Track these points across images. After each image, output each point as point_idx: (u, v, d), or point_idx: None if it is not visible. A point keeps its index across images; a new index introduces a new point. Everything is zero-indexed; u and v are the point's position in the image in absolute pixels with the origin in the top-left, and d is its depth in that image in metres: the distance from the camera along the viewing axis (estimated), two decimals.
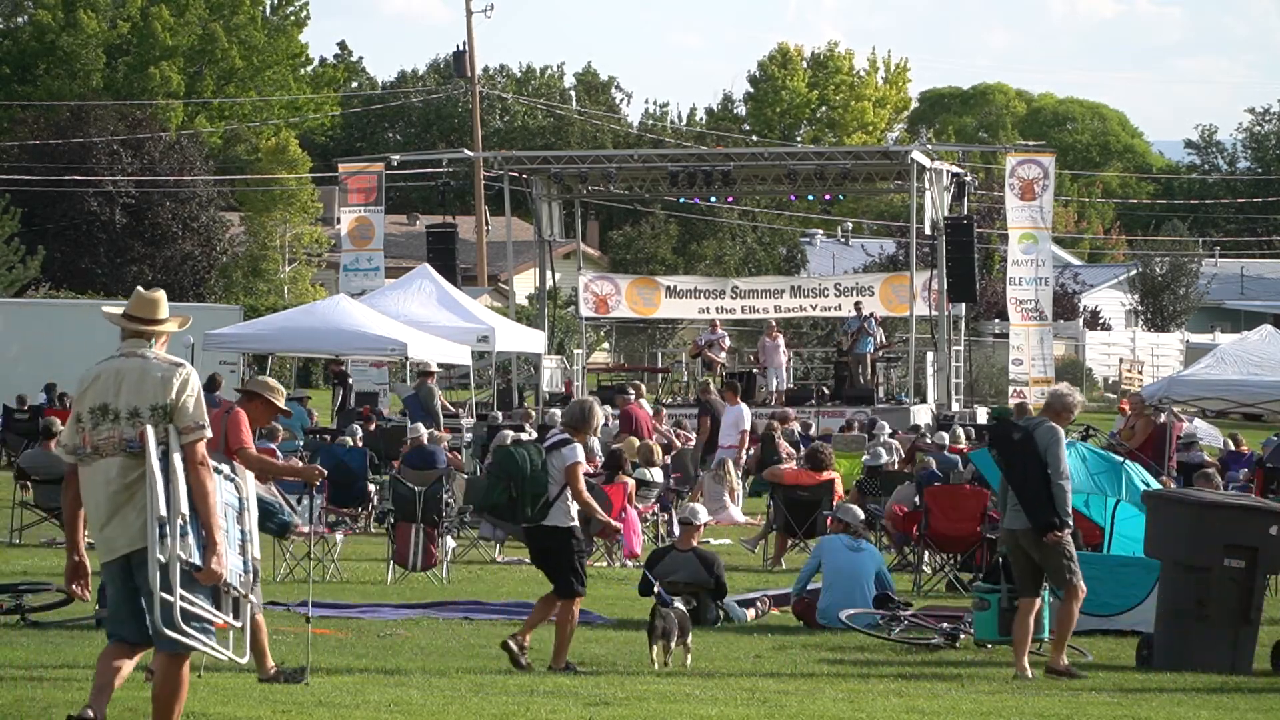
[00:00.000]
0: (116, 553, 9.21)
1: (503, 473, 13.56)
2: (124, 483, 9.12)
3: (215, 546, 9.10)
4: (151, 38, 77.10)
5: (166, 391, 9.15)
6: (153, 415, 9.12)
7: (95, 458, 9.19)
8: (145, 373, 9.21)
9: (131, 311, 9.43)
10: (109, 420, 9.18)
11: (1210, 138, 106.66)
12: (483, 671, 13.47)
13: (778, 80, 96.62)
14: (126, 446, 9.13)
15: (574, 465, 13.54)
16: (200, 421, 9.15)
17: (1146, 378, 52.59)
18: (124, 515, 9.14)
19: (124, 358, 9.32)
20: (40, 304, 50.90)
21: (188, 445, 9.11)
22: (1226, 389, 25.58)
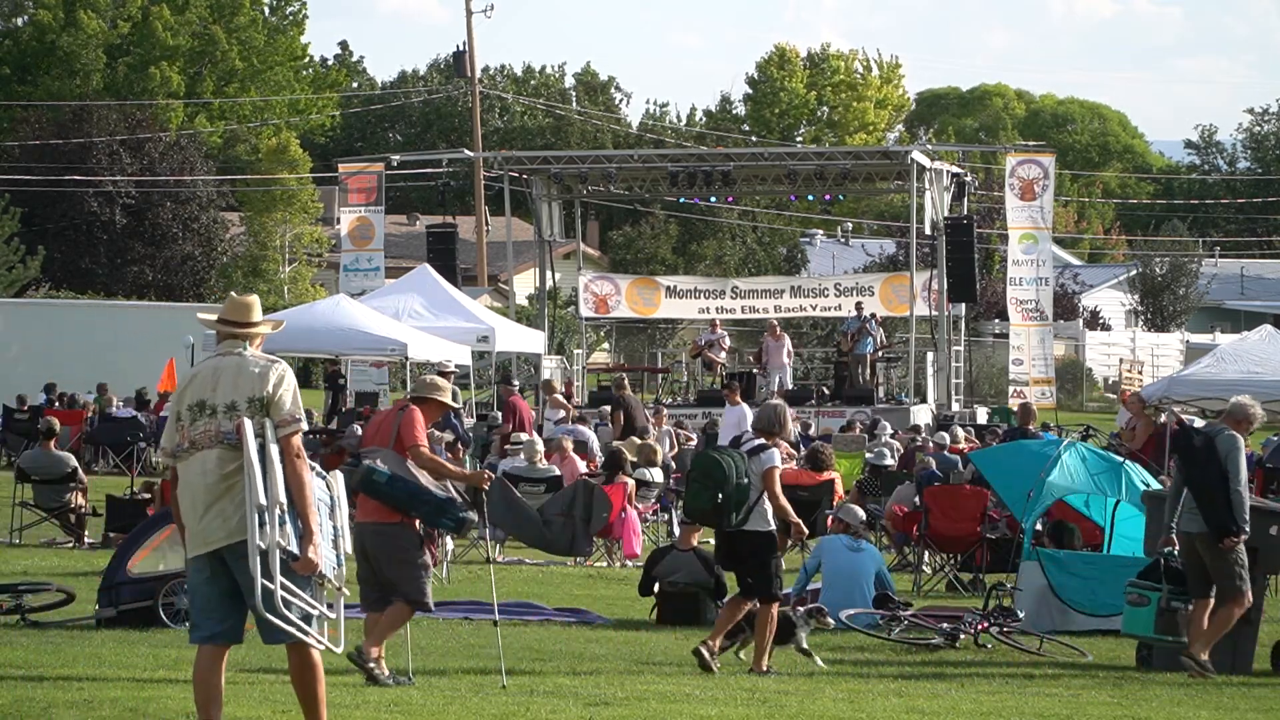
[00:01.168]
0: (211, 545, 9.29)
1: (708, 479, 13.66)
2: (221, 474, 9.27)
3: (312, 536, 9.25)
4: (152, 38, 77.10)
5: (263, 385, 9.32)
6: (249, 408, 9.29)
7: (192, 452, 9.34)
8: (242, 368, 9.40)
9: (225, 316, 9.64)
10: (206, 415, 9.34)
11: (1210, 138, 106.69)
12: (483, 671, 13.47)
13: (776, 81, 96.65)
14: (223, 439, 9.29)
15: (771, 469, 13.74)
16: (296, 415, 9.32)
17: (1146, 378, 52.56)
18: (221, 508, 9.26)
19: (221, 356, 9.52)
20: (40, 304, 50.91)
21: (284, 438, 9.26)
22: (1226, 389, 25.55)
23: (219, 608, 9.33)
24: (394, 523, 12.61)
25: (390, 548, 12.65)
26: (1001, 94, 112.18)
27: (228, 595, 9.31)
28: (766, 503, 13.78)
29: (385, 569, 12.70)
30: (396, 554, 12.65)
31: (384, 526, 12.62)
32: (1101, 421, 39.23)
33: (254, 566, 9.05)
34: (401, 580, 12.66)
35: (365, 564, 12.80)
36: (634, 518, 23.73)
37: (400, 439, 12.67)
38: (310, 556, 9.24)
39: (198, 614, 9.42)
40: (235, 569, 9.23)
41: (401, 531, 12.64)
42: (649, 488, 25.21)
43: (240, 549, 9.15)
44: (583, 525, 22.99)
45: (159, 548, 16.07)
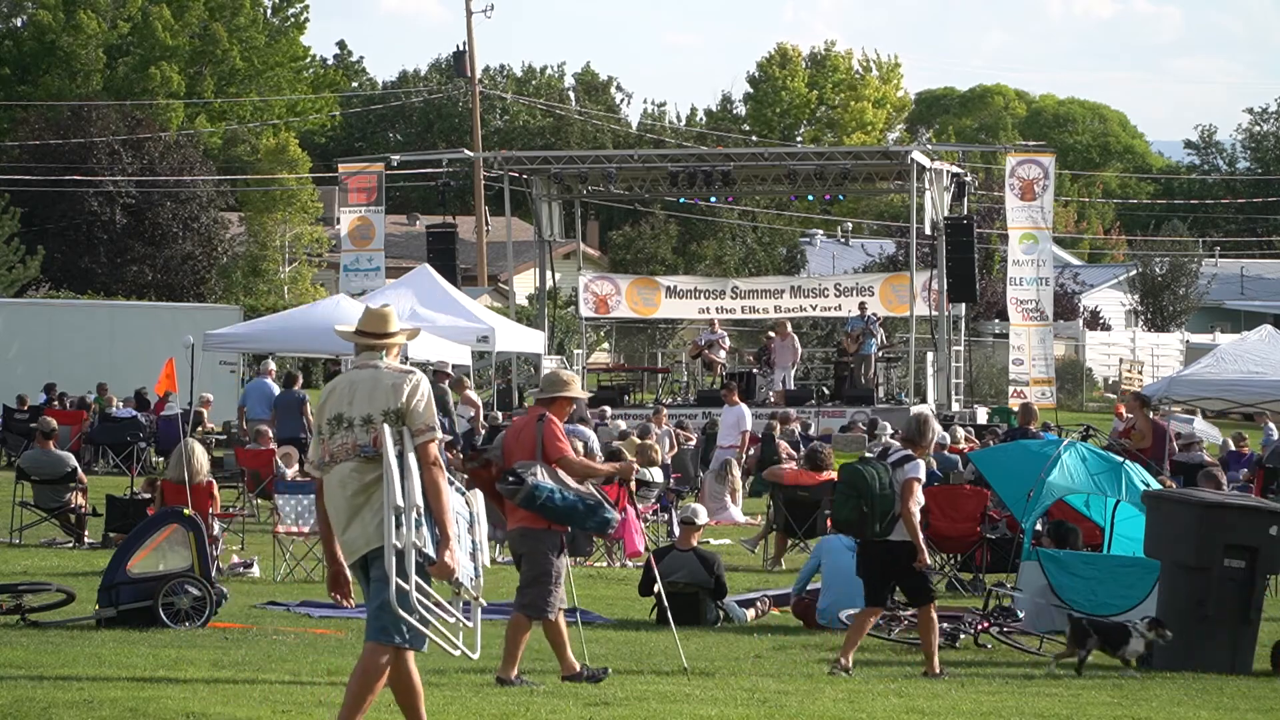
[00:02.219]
0: (355, 554, 9.47)
1: (853, 490, 13.89)
2: (360, 485, 9.44)
3: (448, 542, 9.43)
4: (152, 38, 77.09)
5: (397, 397, 9.47)
6: (385, 420, 9.44)
7: (332, 465, 9.54)
8: (377, 381, 9.55)
9: (362, 327, 9.79)
10: (344, 428, 9.52)
11: (1210, 138, 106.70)
12: (483, 671, 13.47)
13: (777, 80, 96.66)
14: (360, 451, 9.46)
15: (910, 480, 13.84)
16: (431, 424, 9.48)
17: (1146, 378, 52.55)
18: (361, 517, 9.43)
19: (357, 369, 9.68)
20: (40, 304, 50.87)
21: (420, 446, 9.42)
22: (1226, 389, 25.58)
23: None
24: (541, 529, 12.86)
25: (531, 551, 12.92)
26: (1001, 94, 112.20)
27: None
28: None
29: (524, 570, 13.00)
30: (534, 561, 12.92)
31: (531, 531, 12.88)
32: (1101, 421, 39.21)
33: (389, 564, 9.21)
34: (529, 590, 12.93)
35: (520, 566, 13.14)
36: (633, 518, 23.71)
37: (545, 453, 12.85)
38: (446, 561, 9.41)
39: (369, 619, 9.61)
40: (373, 571, 9.43)
41: (546, 536, 12.88)
42: (649, 488, 25.20)
43: (380, 552, 9.33)
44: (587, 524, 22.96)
45: (159, 548, 16.08)
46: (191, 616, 15.84)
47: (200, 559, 16.04)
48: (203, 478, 20.52)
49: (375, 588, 9.34)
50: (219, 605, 16.12)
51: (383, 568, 9.27)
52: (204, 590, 15.93)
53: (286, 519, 21.45)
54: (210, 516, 19.83)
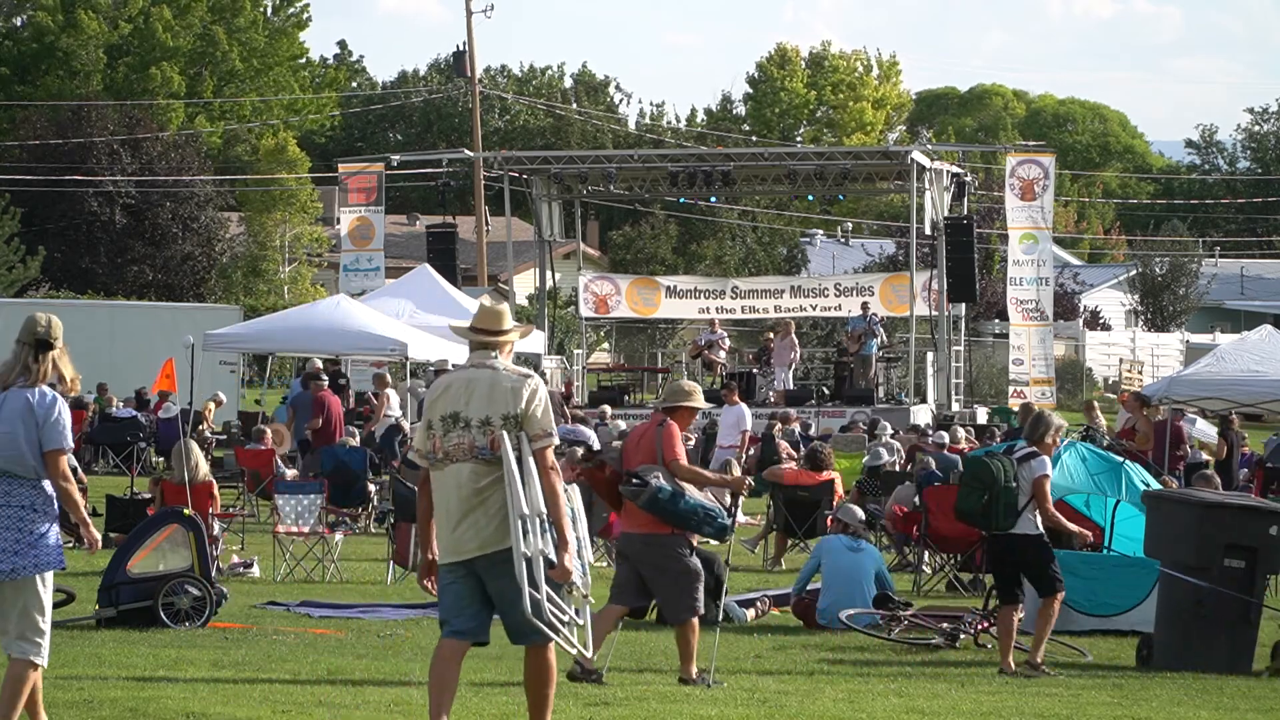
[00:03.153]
0: (463, 555, 9.51)
1: (978, 482, 14.24)
2: (475, 487, 9.45)
3: (566, 545, 9.46)
4: (152, 38, 77.09)
5: (517, 401, 9.49)
6: (504, 424, 9.45)
7: (446, 463, 9.54)
8: (496, 383, 9.57)
9: (476, 324, 9.81)
10: (459, 428, 9.51)
11: (1210, 138, 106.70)
12: (482, 672, 13.47)
13: (776, 80, 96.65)
14: (477, 453, 9.47)
15: (1042, 478, 14.18)
16: (549, 429, 9.52)
17: (1146, 378, 52.56)
18: (475, 519, 9.45)
19: (474, 368, 9.68)
20: (40, 304, 50.86)
21: (538, 452, 9.44)
22: (1226, 389, 25.59)
23: (468, 607, 9.56)
24: (665, 533, 12.94)
25: (661, 558, 13.01)
26: (1001, 94, 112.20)
27: (477, 598, 9.55)
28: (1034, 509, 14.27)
29: (654, 580, 13.10)
30: (669, 565, 13.00)
31: (654, 536, 12.96)
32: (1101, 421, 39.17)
33: (520, 573, 9.28)
34: (674, 595, 13.06)
35: (626, 566, 13.27)
36: None
37: (662, 455, 12.94)
38: (566, 564, 9.45)
39: (446, 611, 9.64)
40: (486, 577, 9.49)
41: (672, 541, 13.00)
42: None
43: (494, 559, 9.40)
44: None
45: (159, 548, 16.09)
46: (191, 616, 15.84)
47: (200, 559, 16.04)
48: (202, 478, 20.52)
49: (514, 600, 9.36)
50: (219, 605, 16.12)
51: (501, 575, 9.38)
52: (204, 590, 15.93)
53: (286, 519, 21.46)
54: (210, 516, 19.83)
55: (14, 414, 9.53)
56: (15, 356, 9.67)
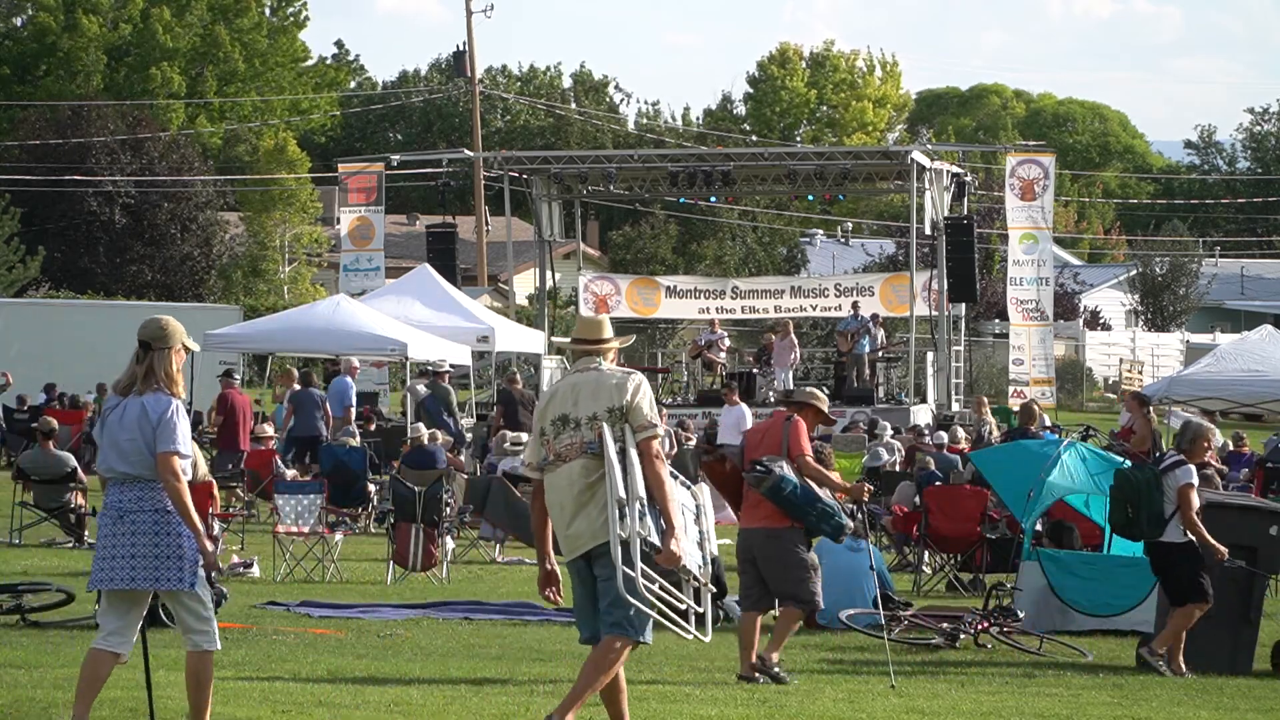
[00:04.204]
0: (579, 550, 9.78)
1: (1122, 494, 14.63)
2: (586, 482, 9.74)
3: (673, 531, 9.68)
4: (152, 39, 77.08)
5: (621, 395, 9.78)
6: (609, 417, 9.75)
7: (559, 464, 9.84)
8: (599, 382, 9.88)
9: (578, 335, 10.13)
10: (569, 429, 9.83)
11: (1210, 138, 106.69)
12: (483, 671, 13.47)
13: (777, 80, 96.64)
14: (587, 449, 9.77)
15: (1186, 486, 14.44)
16: (653, 420, 9.78)
17: (1146, 378, 52.57)
18: (587, 513, 9.74)
19: (579, 373, 10.00)
20: (40, 304, 50.90)
21: (643, 441, 9.72)
22: (1227, 389, 25.60)
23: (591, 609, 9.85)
24: (784, 527, 13.27)
25: (779, 550, 13.30)
26: (1001, 94, 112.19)
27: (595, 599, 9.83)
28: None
29: (772, 571, 13.35)
30: (785, 557, 13.29)
31: (774, 530, 13.29)
32: (1101, 421, 39.21)
33: (615, 554, 9.51)
34: (790, 582, 13.32)
35: (751, 568, 13.49)
36: None
37: (789, 450, 13.28)
38: (672, 549, 9.63)
39: (577, 615, 9.99)
40: (596, 567, 9.74)
41: (791, 534, 13.31)
42: None
43: (605, 547, 9.63)
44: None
45: None
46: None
47: None
48: (202, 477, 20.52)
49: (606, 585, 9.63)
50: (219, 605, 16.08)
51: (606, 564, 9.60)
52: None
53: (286, 519, 21.46)
54: (210, 516, 19.83)
55: (133, 421, 9.73)
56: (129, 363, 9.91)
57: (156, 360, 9.78)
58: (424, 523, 20.68)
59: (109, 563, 9.78)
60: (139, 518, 9.72)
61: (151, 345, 9.78)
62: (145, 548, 9.73)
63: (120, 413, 9.78)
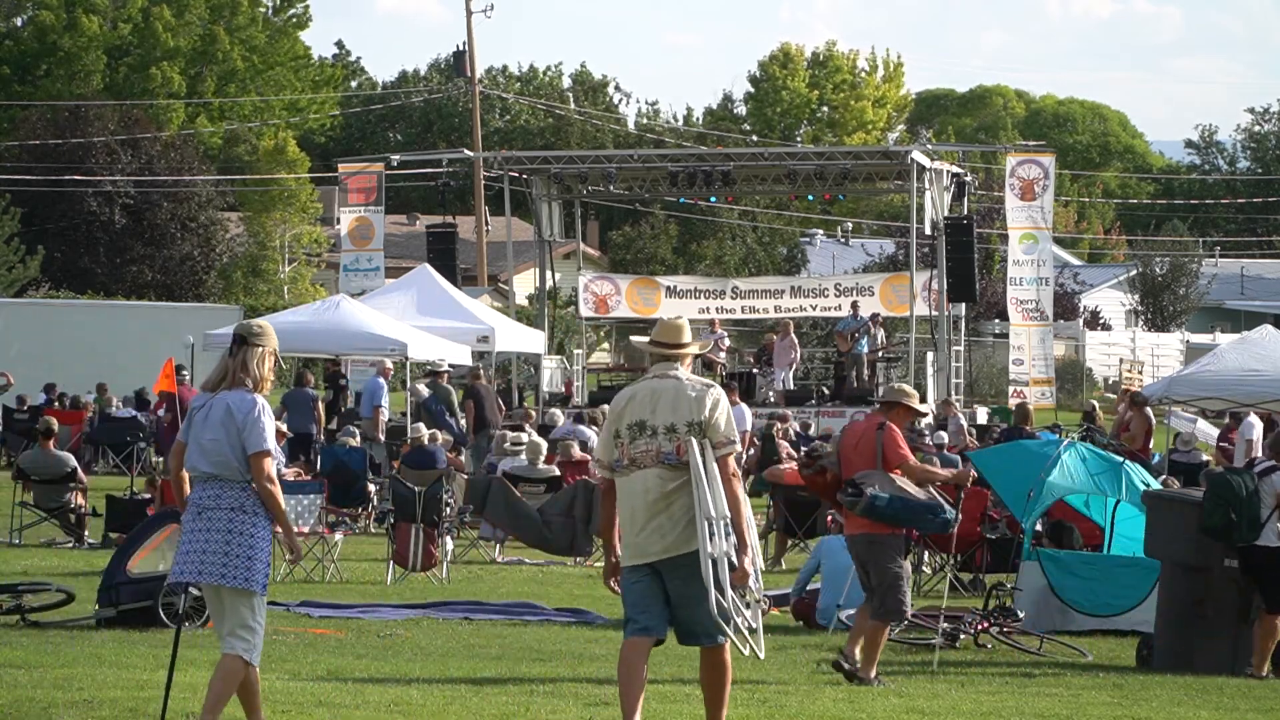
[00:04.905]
0: (647, 558, 9.87)
1: (1220, 498, 14.75)
2: (661, 492, 9.82)
3: (746, 549, 9.84)
4: (152, 38, 77.08)
5: (700, 409, 9.85)
6: (688, 430, 9.81)
7: (632, 469, 9.91)
8: (680, 392, 9.92)
9: (657, 338, 10.20)
10: (646, 435, 9.89)
11: (1210, 138, 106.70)
12: (483, 671, 13.47)
13: (778, 80, 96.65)
14: (663, 459, 9.84)
15: None
16: (731, 437, 9.86)
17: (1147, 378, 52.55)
18: (659, 524, 9.82)
19: (657, 379, 10.04)
20: (40, 304, 50.88)
21: (721, 458, 9.81)
22: (1226, 389, 25.58)
23: (653, 605, 9.90)
24: (885, 533, 13.36)
25: (879, 556, 13.40)
26: (1001, 94, 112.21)
27: (660, 597, 9.90)
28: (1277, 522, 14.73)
29: (873, 575, 13.46)
30: (884, 561, 13.39)
31: (875, 537, 13.37)
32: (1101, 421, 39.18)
33: (707, 574, 9.64)
34: (885, 591, 13.37)
35: (864, 573, 13.59)
36: None
37: (886, 459, 13.33)
38: (746, 568, 9.80)
39: (631, 609, 9.96)
40: (668, 579, 9.83)
41: (891, 541, 13.41)
42: None
43: (677, 562, 9.75)
44: (583, 525, 23.00)
45: (159, 548, 16.08)
46: (191, 617, 15.83)
47: None
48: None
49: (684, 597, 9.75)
50: None
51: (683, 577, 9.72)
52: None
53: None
54: None
55: (217, 420, 9.82)
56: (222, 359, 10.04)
57: (249, 355, 9.94)
58: (424, 523, 20.68)
59: (184, 557, 9.87)
60: (215, 515, 9.80)
61: (248, 340, 9.98)
62: (218, 544, 9.78)
63: (206, 411, 9.90)
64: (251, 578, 9.79)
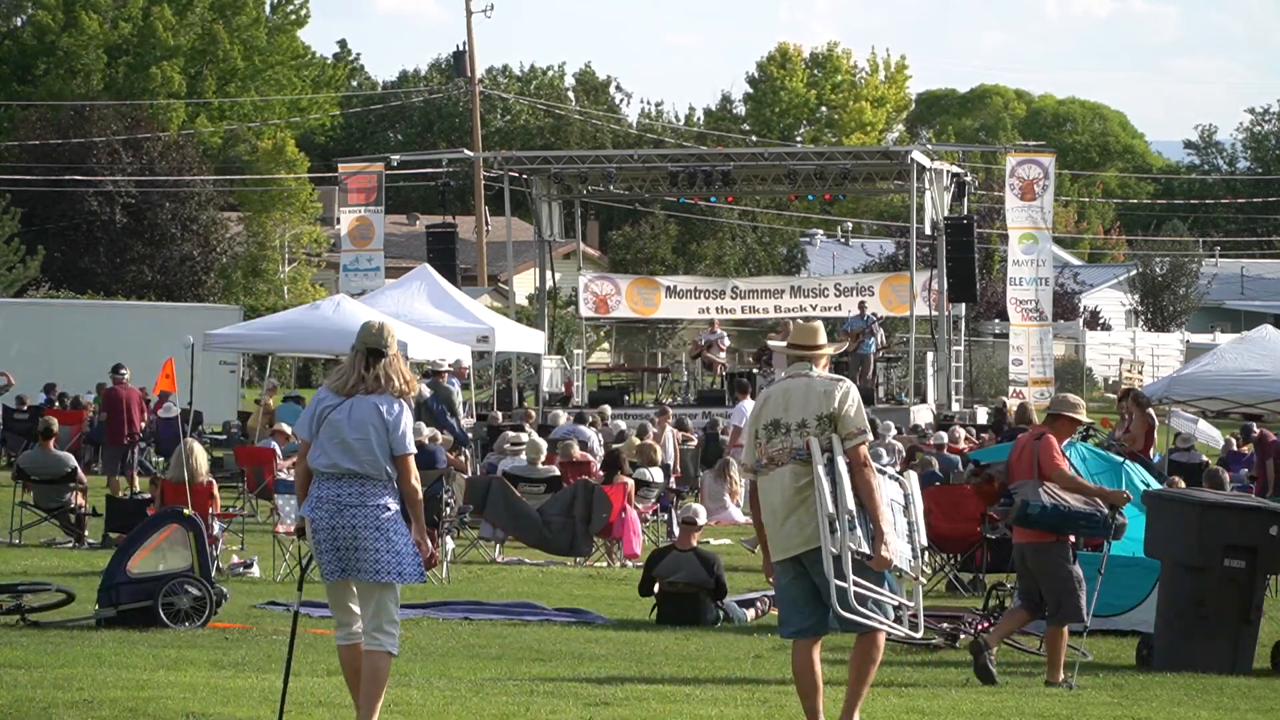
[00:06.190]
0: (789, 552, 10.24)
1: None
2: (796, 487, 10.18)
3: (882, 536, 10.13)
4: (153, 38, 77.07)
5: (829, 403, 10.21)
6: (818, 425, 10.17)
7: (771, 467, 10.28)
8: (810, 389, 10.29)
9: (794, 340, 10.54)
10: (781, 433, 10.27)
11: (1210, 138, 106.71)
12: (483, 671, 13.47)
13: (777, 80, 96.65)
14: (796, 455, 10.20)
15: None
16: (862, 428, 10.21)
17: (1147, 378, 52.55)
18: (798, 517, 10.17)
19: (790, 379, 10.43)
20: (40, 304, 50.87)
21: (851, 449, 10.15)
22: (1226, 389, 25.58)
23: (805, 605, 10.26)
24: (1050, 541, 13.60)
25: (1047, 565, 13.64)
26: (1001, 94, 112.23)
27: (810, 594, 10.23)
28: None
29: (1043, 583, 13.67)
30: (1053, 567, 13.63)
31: (1041, 545, 13.62)
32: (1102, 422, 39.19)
33: (828, 569, 9.98)
34: (1058, 593, 13.59)
35: (1026, 578, 13.82)
36: (634, 518, 23.74)
37: (1041, 469, 13.60)
38: (883, 554, 10.10)
39: (786, 611, 10.40)
40: (812, 571, 10.17)
41: (1057, 549, 13.63)
42: (649, 488, 25.21)
43: (816, 554, 10.09)
44: (582, 525, 23.01)
45: (159, 548, 16.08)
46: (191, 616, 15.84)
47: (200, 559, 16.03)
48: (203, 478, 20.52)
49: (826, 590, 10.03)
50: (219, 605, 16.11)
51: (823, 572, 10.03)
52: (204, 590, 15.92)
53: (286, 519, 21.45)
54: (210, 516, 19.83)
55: (364, 421, 10.07)
56: (350, 364, 10.33)
57: (390, 368, 10.24)
58: None
59: (334, 554, 10.05)
60: (360, 512, 10.02)
61: (384, 353, 10.29)
62: (368, 541, 10.00)
63: (347, 412, 10.12)
64: (402, 572, 10.02)
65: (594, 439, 29.71)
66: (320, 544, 10.06)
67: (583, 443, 28.13)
